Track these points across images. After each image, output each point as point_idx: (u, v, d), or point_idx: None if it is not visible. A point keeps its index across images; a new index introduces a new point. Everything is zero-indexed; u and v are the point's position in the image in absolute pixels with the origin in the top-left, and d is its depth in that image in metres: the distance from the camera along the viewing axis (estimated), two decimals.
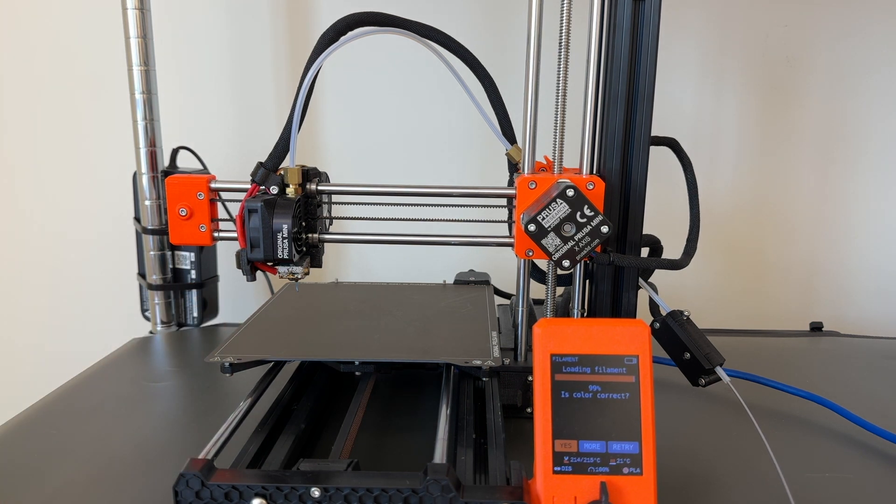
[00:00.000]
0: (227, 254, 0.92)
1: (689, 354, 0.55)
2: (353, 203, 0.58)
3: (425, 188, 0.58)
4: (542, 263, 0.59)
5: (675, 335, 0.56)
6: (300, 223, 0.55)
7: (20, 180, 1.06)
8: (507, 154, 0.61)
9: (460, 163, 1.04)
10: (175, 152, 0.89)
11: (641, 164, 0.54)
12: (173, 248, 0.89)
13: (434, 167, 1.05)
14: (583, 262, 0.53)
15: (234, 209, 0.54)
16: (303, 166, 0.55)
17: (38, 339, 1.12)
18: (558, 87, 0.52)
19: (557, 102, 0.52)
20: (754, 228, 1.06)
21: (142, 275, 0.91)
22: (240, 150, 1.03)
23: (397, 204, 0.58)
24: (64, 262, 1.09)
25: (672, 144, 0.60)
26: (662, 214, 0.74)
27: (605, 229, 0.49)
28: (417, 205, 0.58)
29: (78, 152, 1.05)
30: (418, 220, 0.58)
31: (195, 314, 0.90)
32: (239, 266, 0.54)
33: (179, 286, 0.89)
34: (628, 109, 0.53)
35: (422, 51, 0.59)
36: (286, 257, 0.52)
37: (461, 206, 0.58)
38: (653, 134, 0.54)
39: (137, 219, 0.89)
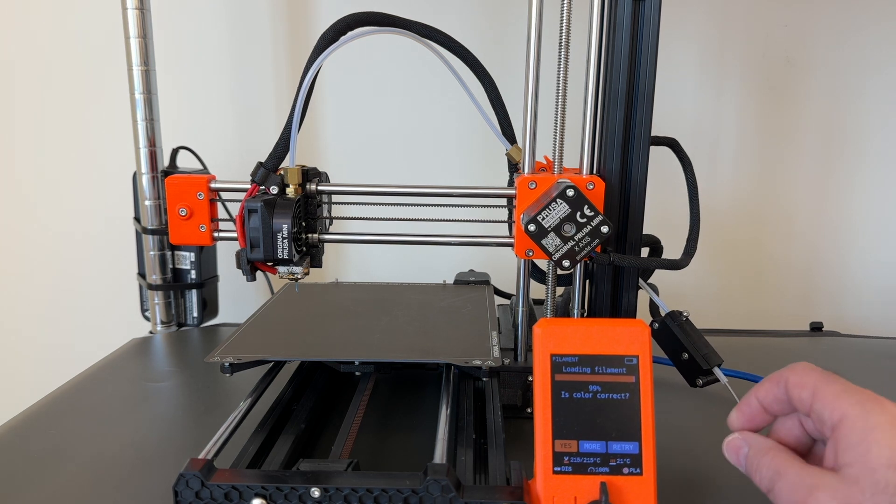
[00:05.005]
0: (227, 254, 0.92)
1: (686, 355, 0.56)
2: (353, 203, 0.58)
3: (425, 188, 0.58)
4: (542, 263, 0.59)
5: (673, 336, 0.56)
6: (300, 223, 0.55)
7: (20, 180, 1.06)
8: (507, 154, 0.61)
9: (460, 163, 1.04)
10: (175, 152, 0.89)
11: (641, 164, 0.54)
12: (173, 248, 0.89)
13: (434, 167, 1.05)
14: (583, 262, 0.53)
15: (234, 209, 0.54)
16: (303, 166, 0.55)
17: (38, 339, 1.12)
18: (558, 87, 0.52)
19: (557, 102, 0.52)
20: (754, 228, 1.06)
21: (142, 275, 0.91)
22: (240, 150, 1.03)
23: (397, 204, 0.58)
24: (64, 261, 1.09)
25: (672, 144, 0.60)
26: (662, 214, 0.74)
27: (605, 229, 0.49)
28: (417, 205, 0.58)
29: (78, 152, 1.05)
30: (418, 220, 0.58)
31: (195, 314, 0.90)
32: (239, 266, 0.54)
33: (179, 286, 0.89)
34: (628, 109, 0.53)
35: (422, 51, 0.59)
36: (286, 257, 0.52)
37: (461, 206, 0.58)
38: (653, 134, 0.54)
39: (137, 219, 0.89)
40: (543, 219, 0.49)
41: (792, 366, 0.38)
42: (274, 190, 0.54)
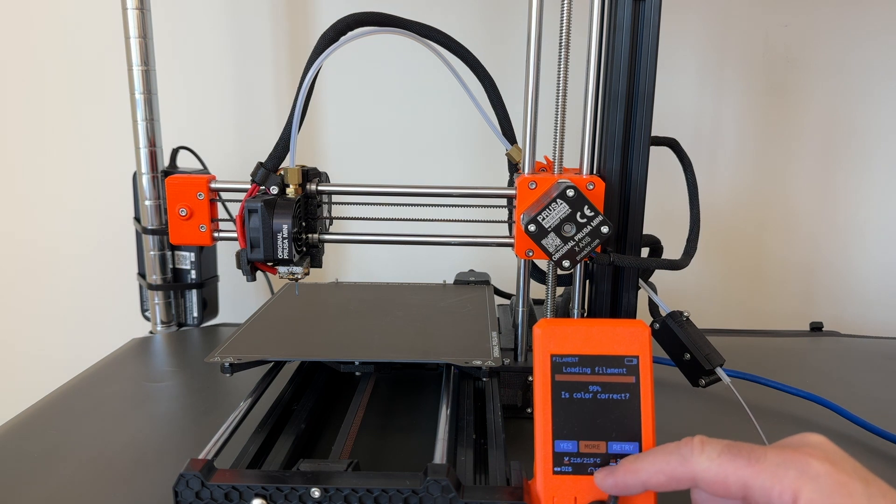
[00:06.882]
0: (227, 254, 0.92)
1: (689, 355, 0.55)
2: (353, 203, 0.58)
3: (425, 188, 0.58)
4: (542, 263, 0.59)
5: (674, 336, 0.56)
6: (300, 223, 0.55)
7: (20, 180, 1.06)
8: (507, 154, 0.61)
9: (460, 163, 1.04)
10: (175, 152, 0.89)
11: (641, 164, 0.54)
12: (173, 248, 0.89)
13: (434, 167, 1.05)
14: (583, 262, 0.53)
15: (234, 209, 0.54)
16: (303, 166, 0.55)
17: (37, 340, 1.12)
18: (558, 87, 0.52)
19: (557, 102, 0.52)
20: (754, 228, 1.06)
21: (142, 275, 0.91)
22: (240, 150, 1.03)
23: (397, 204, 0.58)
24: (64, 262, 1.09)
25: (672, 144, 0.60)
26: (662, 214, 0.74)
27: (605, 229, 0.49)
28: (417, 205, 0.58)
29: (78, 152, 1.05)
30: (418, 220, 0.58)
31: (195, 314, 0.90)
32: (239, 266, 0.54)
33: (179, 286, 0.89)
34: (628, 109, 0.53)
35: (422, 51, 0.59)
36: (286, 257, 0.52)
37: (461, 206, 0.58)
38: (653, 134, 0.54)
39: (137, 219, 0.89)
40: (543, 219, 0.49)
41: (692, 460, 0.34)
42: (274, 190, 0.54)
